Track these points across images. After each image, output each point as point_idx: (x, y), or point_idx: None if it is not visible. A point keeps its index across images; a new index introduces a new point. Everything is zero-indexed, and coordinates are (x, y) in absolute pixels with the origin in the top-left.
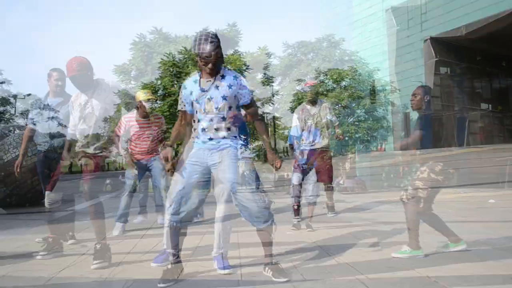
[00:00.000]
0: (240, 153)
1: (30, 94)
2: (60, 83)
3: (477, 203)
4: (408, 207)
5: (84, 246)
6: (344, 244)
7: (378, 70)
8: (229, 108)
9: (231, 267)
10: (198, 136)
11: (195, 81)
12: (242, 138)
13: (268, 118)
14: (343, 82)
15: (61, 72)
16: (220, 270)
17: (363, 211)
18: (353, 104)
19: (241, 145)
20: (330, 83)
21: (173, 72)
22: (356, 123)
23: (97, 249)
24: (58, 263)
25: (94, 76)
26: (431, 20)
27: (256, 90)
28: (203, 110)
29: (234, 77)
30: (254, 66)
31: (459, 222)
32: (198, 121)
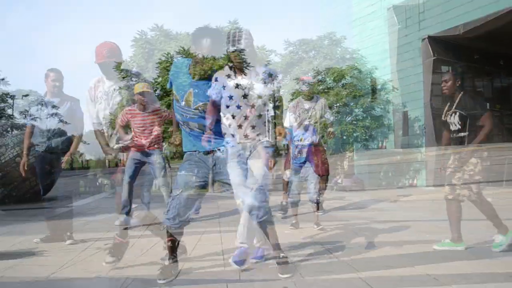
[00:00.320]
0: None
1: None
2: (58, 84)
3: None
4: (453, 202)
5: (84, 241)
6: (344, 242)
7: (376, 69)
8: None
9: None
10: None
11: (228, 76)
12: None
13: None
14: (343, 80)
15: (58, 73)
16: (255, 259)
17: (362, 210)
18: (351, 103)
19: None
20: (330, 81)
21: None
22: (354, 122)
23: (113, 245)
24: (58, 261)
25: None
26: (429, 19)
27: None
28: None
29: None
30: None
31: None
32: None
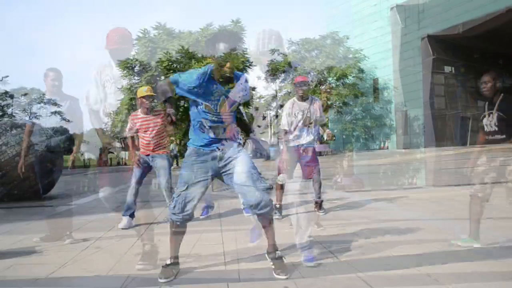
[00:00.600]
0: None
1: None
2: (57, 83)
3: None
4: (480, 201)
5: (86, 240)
6: (344, 242)
7: (376, 68)
8: None
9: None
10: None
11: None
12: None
13: (271, 116)
14: (346, 80)
15: (58, 72)
16: (307, 263)
17: (362, 209)
18: (351, 102)
19: None
20: (333, 81)
21: (171, 71)
22: (354, 121)
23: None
24: (58, 260)
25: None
26: (429, 18)
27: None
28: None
29: None
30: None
31: (459, 220)
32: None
